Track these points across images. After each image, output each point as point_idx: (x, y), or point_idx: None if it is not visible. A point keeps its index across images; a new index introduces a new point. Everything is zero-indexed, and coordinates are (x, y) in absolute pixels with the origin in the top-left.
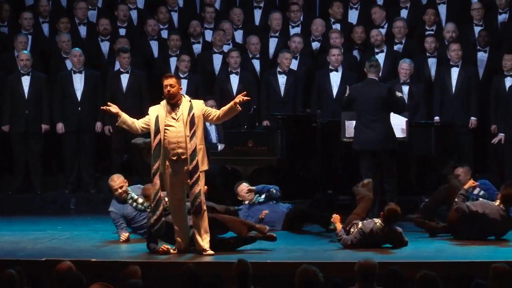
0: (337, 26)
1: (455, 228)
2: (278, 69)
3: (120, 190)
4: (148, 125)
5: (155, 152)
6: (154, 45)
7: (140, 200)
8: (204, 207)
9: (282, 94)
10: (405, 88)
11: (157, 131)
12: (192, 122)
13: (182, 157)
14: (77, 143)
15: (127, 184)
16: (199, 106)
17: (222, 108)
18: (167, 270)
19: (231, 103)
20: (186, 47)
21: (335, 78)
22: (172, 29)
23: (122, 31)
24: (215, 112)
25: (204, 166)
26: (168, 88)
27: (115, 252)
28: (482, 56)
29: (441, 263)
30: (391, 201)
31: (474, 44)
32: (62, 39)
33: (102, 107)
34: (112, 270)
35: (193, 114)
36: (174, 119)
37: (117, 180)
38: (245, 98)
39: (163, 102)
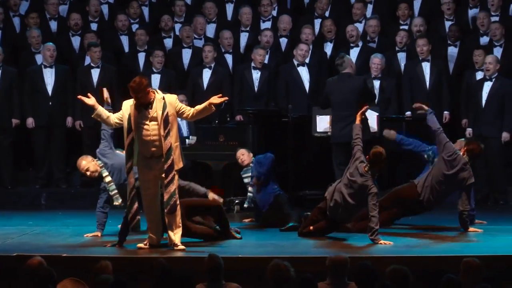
0: (318, 21)
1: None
2: (253, 64)
3: (88, 173)
4: (121, 121)
5: (128, 151)
6: (125, 40)
7: (108, 179)
8: (178, 203)
9: (256, 89)
10: (376, 83)
11: (129, 129)
12: (166, 121)
13: (156, 155)
14: (48, 138)
15: (96, 164)
16: (173, 103)
17: (196, 107)
18: (138, 265)
19: (206, 103)
20: (157, 42)
21: (304, 73)
22: (143, 24)
23: (94, 26)
24: (188, 111)
25: (180, 164)
26: (137, 100)
27: (86, 247)
28: (452, 50)
29: (412, 257)
30: None
31: (445, 38)
32: (32, 34)
33: (79, 96)
34: (83, 265)
35: (167, 113)
36: (148, 117)
37: (80, 165)
38: (222, 99)
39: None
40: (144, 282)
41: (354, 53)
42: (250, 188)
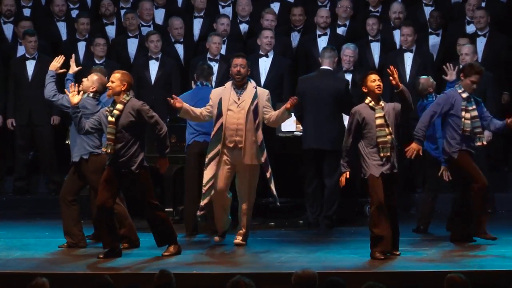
0: (276, 6)
1: None
2: (208, 55)
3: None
4: (211, 112)
5: (216, 137)
6: (62, 27)
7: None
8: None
9: (214, 84)
10: (348, 77)
11: (220, 114)
12: (255, 112)
13: (239, 145)
14: None
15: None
16: (264, 97)
17: (274, 113)
18: (79, 283)
19: (283, 108)
20: (98, 30)
21: (264, 64)
22: (84, 10)
23: (27, 12)
24: (269, 114)
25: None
26: (238, 68)
27: (21, 262)
28: (434, 40)
29: (388, 273)
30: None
31: (425, 26)
32: None
33: (169, 98)
34: (17, 282)
35: (257, 103)
36: (237, 103)
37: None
38: (293, 103)
39: (228, 84)
40: None
41: (323, 43)
42: None
